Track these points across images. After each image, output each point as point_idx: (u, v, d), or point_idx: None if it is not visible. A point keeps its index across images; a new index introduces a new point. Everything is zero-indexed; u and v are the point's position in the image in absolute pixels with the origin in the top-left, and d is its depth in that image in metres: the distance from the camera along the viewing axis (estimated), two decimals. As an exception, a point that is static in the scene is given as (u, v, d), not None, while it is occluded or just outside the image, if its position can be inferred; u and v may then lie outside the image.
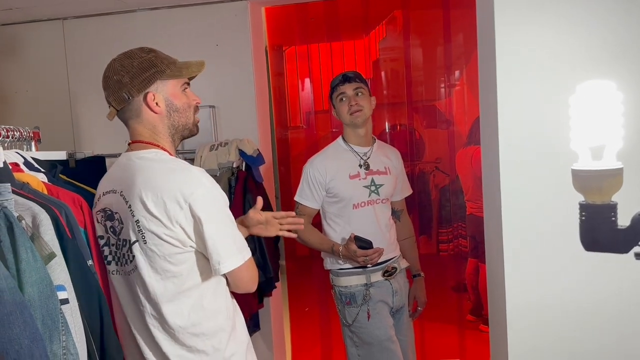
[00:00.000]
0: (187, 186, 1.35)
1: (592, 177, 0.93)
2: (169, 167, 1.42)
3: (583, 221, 0.96)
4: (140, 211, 1.36)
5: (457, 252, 4.44)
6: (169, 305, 1.40)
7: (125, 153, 1.50)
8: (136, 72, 1.43)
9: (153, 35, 3.06)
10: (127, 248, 1.41)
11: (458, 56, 3.99)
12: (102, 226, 1.49)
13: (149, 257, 1.38)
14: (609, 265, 1.52)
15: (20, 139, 1.83)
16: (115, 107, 1.46)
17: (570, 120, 0.95)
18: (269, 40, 3.67)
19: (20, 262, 1.18)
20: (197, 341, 1.42)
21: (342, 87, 2.23)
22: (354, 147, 2.29)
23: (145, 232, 1.37)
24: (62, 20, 3.21)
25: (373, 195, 2.25)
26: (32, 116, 3.18)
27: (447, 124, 4.28)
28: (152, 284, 1.39)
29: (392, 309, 2.29)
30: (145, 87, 1.44)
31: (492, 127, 1.65)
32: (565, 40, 1.52)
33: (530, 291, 1.62)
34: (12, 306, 1.08)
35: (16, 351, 1.07)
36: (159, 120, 1.47)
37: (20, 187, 1.44)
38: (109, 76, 1.45)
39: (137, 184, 1.38)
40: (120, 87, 1.43)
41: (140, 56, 1.45)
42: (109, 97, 1.46)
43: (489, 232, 1.87)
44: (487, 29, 1.66)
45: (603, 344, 1.59)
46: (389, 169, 2.31)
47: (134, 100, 1.44)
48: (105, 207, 1.47)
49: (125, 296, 1.47)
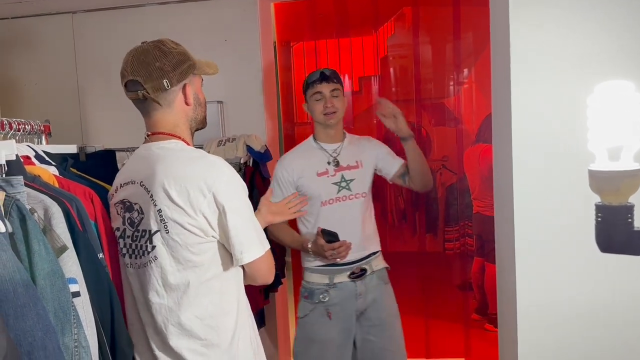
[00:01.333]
0: (210, 175, 1.36)
1: (609, 178, 0.92)
2: (191, 155, 1.42)
3: (599, 222, 0.95)
4: (162, 200, 1.36)
5: (463, 251, 4.43)
6: (188, 296, 1.40)
7: (144, 144, 1.50)
8: (177, 63, 1.43)
9: (162, 30, 3.03)
10: (146, 239, 1.41)
11: (467, 54, 3.97)
12: (120, 218, 1.49)
13: (171, 247, 1.38)
14: (624, 267, 1.51)
15: (31, 132, 1.83)
16: (150, 94, 1.42)
17: (588, 121, 0.94)
18: (277, 36, 3.66)
19: (32, 255, 1.19)
20: (212, 334, 1.41)
21: (320, 85, 2.20)
22: (322, 144, 2.27)
23: (167, 222, 1.36)
24: (72, 14, 3.21)
25: (344, 192, 2.21)
26: (41, 109, 3.18)
27: (455, 121, 4.26)
28: (173, 273, 1.39)
29: (356, 311, 2.24)
30: (183, 78, 1.45)
31: (505, 126, 1.64)
32: (582, 39, 1.50)
33: (542, 292, 1.61)
34: (26, 298, 1.08)
35: (29, 343, 1.08)
36: (185, 112, 1.49)
37: (32, 180, 1.44)
38: (148, 62, 1.41)
39: (158, 172, 1.38)
40: (162, 75, 1.41)
41: (174, 47, 1.46)
42: (145, 82, 1.41)
43: (500, 232, 1.86)
44: (501, 26, 1.65)
45: (616, 347, 1.58)
46: (360, 162, 2.27)
47: (171, 89, 1.44)
48: (124, 198, 1.46)
49: (137, 289, 1.47)
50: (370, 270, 2.25)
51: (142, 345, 1.49)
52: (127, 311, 1.52)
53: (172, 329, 1.41)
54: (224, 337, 1.43)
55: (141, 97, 1.43)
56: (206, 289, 1.41)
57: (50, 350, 1.11)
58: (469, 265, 4.19)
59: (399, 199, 5.14)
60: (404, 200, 5.12)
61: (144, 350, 1.49)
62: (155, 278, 1.41)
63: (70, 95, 3.23)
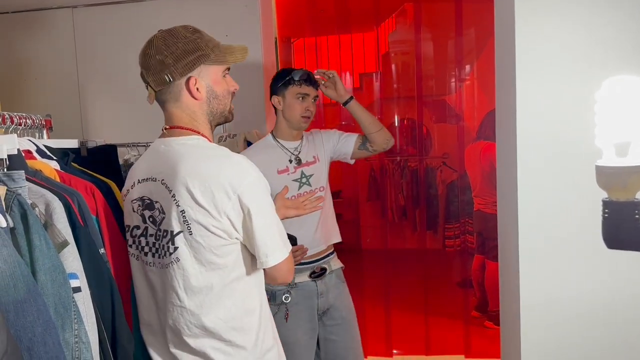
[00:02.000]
0: (235, 176, 1.30)
1: (616, 174, 0.91)
2: (214, 154, 1.36)
3: (606, 218, 0.95)
4: (186, 201, 1.30)
5: (464, 248, 4.43)
6: (211, 299, 1.35)
7: (163, 139, 1.42)
8: (180, 54, 1.34)
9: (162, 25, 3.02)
10: (168, 239, 1.35)
11: (469, 50, 3.96)
12: (138, 216, 1.42)
13: (194, 249, 1.32)
14: (627, 265, 1.49)
15: (32, 126, 1.82)
16: (153, 89, 1.38)
17: (596, 116, 0.94)
18: (278, 32, 3.65)
19: (33, 250, 1.18)
20: (236, 336, 1.37)
21: (308, 87, 2.17)
22: (282, 142, 2.23)
23: (191, 223, 1.30)
24: (72, 8, 3.19)
25: (304, 187, 2.20)
26: (41, 103, 3.17)
27: (456, 118, 4.25)
28: (196, 276, 1.34)
29: (318, 310, 2.22)
30: (188, 71, 1.36)
31: (509, 123, 1.62)
32: (589, 34, 1.48)
33: (546, 290, 1.60)
34: (26, 294, 1.07)
35: (29, 339, 1.07)
36: (198, 106, 1.41)
37: (33, 174, 1.43)
38: (150, 55, 1.35)
39: (181, 172, 1.31)
40: (162, 69, 1.35)
41: (185, 36, 1.36)
42: (147, 77, 1.38)
43: (503, 230, 1.85)
44: (506, 21, 1.64)
45: (619, 345, 1.57)
46: (317, 156, 2.26)
47: (174, 83, 1.37)
48: (143, 195, 1.40)
49: (159, 289, 1.41)
50: (330, 270, 2.25)
51: (160, 346, 1.44)
52: (142, 311, 1.48)
53: (195, 330, 1.36)
54: (248, 338, 1.39)
55: (149, 89, 1.39)
56: (229, 291, 1.36)
57: (50, 345, 1.10)
58: (469, 262, 4.19)
59: (399, 197, 5.14)
60: (404, 198, 5.12)
61: (163, 351, 1.44)
62: (177, 280, 1.35)
63: (70, 90, 3.21)
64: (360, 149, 2.34)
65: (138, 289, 1.48)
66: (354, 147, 2.34)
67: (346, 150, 2.34)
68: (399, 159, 5.02)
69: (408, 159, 5.00)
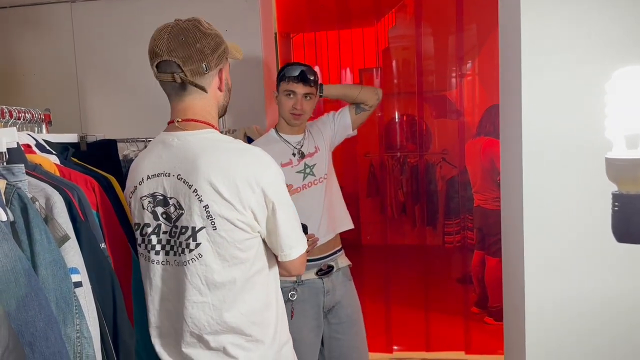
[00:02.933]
0: (259, 169, 1.30)
1: (627, 166, 0.90)
2: (234, 147, 1.34)
3: (616, 212, 0.93)
4: (209, 195, 1.27)
5: (463, 244, 4.43)
6: (234, 293, 1.33)
7: (174, 132, 1.37)
8: (215, 46, 1.34)
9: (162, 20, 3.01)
10: (188, 235, 1.32)
11: (470, 46, 3.95)
12: (149, 213, 1.38)
13: (217, 244, 1.30)
14: (634, 261, 1.49)
15: (32, 121, 1.80)
16: (188, 78, 1.32)
17: (606, 108, 0.92)
18: (278, 27, 3.63)
19: (34, 244, 1.17)
20: (256, 330, 1.36)
21: (295, 85, 2.15)
22: (285, 136, 2.24)
23: (215, 218, 1.28)
24: (71, 2, 3.17)
25: (309, 178, 2.20)
26: (39, 98, 3.15)
27: (456, 114, 4.24)
28: (219, 271, 1.32)
29: (324, 308, 2.21)
30: (220, 63, 1.37)
31: (514, 118, 1.61)
32: (596, 25, 1.47)
33: (552, 288, 1.59)
34: (28, 288, 1.06)
35: (31, 334, 1.06)
36: (217, 99, 1.41)
37: (33, 168, 1.42)
38: (189, 43, 1.30)
39: (202, 166, 1.28)
40: (202, 58, 1.31)
41: (209, 29, 1.35)
42: (184, 65, 1.31)
43: (507, 226, 1.84)
44: (511, 14, 1.62)
45: (625, 341, 1.56)
46: (317, 146, 2.27)
47: (208, 74, 1.35)
48: (155, 191, 1.36)
49: (173, 288, 1.39)
50: (337, 267, 2.24)
51: (172, 348, 1.42)
52: (151, 314, 1.44)
53: (216, 327, 1.34)
54: (267, 332, 1.38)
55: (177, 80, 1.33)
56: (250, 285, 1.35)
57: (52, 340, 1.09)
58: (468, 258, 4.19)
59: (399, 192, 5.14)
60: (403, 194, 5.12)
61: (175, 353, 1.42)
62: (199, 276, 1.32)
63: (69, 85, 3.20)
64: (357, 114, 2.37)
65: (147, 292, 1.44)
66: (351, 117, 2.36)
67: (346, 125, 2.36)
68: (399, 155, 5.02)
69: (408, 154, 4.99)
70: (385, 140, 4.84)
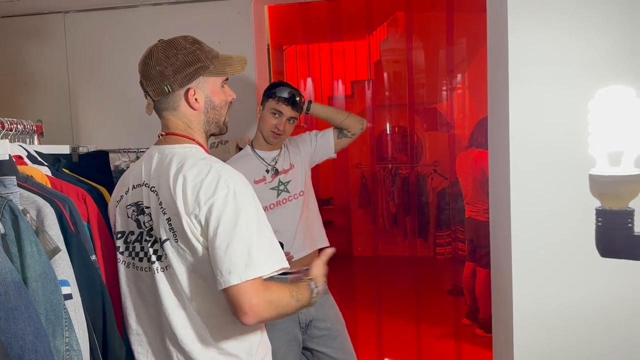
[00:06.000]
0: (212, 186, 1.27)
1: (610, 183, 0.92)
2: (200, 164, 1.32)
3: (599, 227, 0.95)
4: (171, 208, 1.29)
5: (454, 256, 4.45)
6: (202, 303, 1.34)
7: (158, 146, 1.43)
8: (180, 66, 1.35)
9: (155, 32, 3.01)
10: (159, 245, 1.34)
11: (460, 59, 3.99)
12: (133, 221, 1.41)
13: (181, 256, 1.31)
14: (619, 271, 1.52)
15: (24, 132, 1.81)
16: (152, 98, 1.40)
17: (589, 126, 0.94)
18: (270, 39, 3.66)
19: (24, 256, 1.16)
20: (229, 344, 1.35)
21: (284, 107, 2.17)
22: (260, 152, 2.25)
23: (176, 230, 1.30)
24: (64, 13, 3.18)
25: (283, 194, 2.21)
26: (31, 109, 3.15)
27: (447, 126, 4.28)
28: (184, 282, 1.33)
29: (300, 323, 2.19)
30: (187, 83, 1.37)
31: (502, 132, 1.64)
32: (581, 44, 1.51)
33: (539, 297, 1.61)
34: (17, 301, 1.06)
35: (20, 346, 1.05)
36: (195, 116, 1.41)
37: (24, 180, 1.42)
38: (150, 65, 1.36)
39: (168, 180, 1.31)
40: (161, 80, 1.36)
41: (185, 47, 1.37)
42: (147, 87, 1.39)
43: (496, 237, 1.86)
44: (499, 30, 1.65)
45: (612, 351, 1.58)
46: (292, 163, 2.27)
47: (173, 93, 1.38)
48: (138, 201, 1.40)
49: (152, 296, 1.39)
50: None
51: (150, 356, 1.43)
52: (130, 319, 1.44)
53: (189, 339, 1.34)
54: (241, 347, 1.37)
55: (147, 99, 1.40)
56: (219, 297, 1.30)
57: (41, 353, 1.09)
58: (460, 270, 4.21)
59: (390, 204, 5.16)
60: (395, 205, 5.14)
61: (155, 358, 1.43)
62: (170, 286, 1.35)
63: (60, 96, 3.20)
64: (339, 139, 2.38)
65: (127, 298, 1.45)
66: (334, 141, 2.37)
67: (328, 147, 2.38)
68: (391, 167, 5.05)
69: (399, 166, 5.02)
70: (377, 151, 4.87)
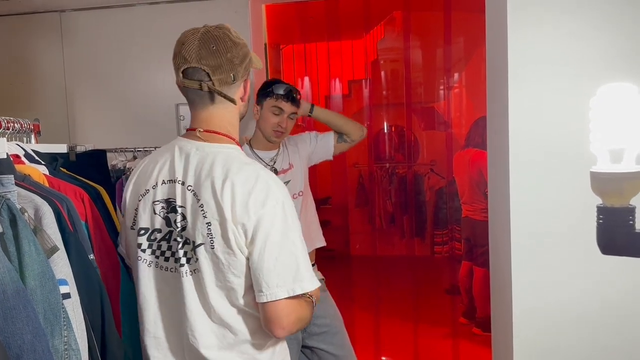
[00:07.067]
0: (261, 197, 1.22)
1: (611, 180, 0.92)
2: (249, 169, 1.26)
3: (600, 224, 0.95)
4: (213, 213, 1.22)
5: (451, 255, 4.45)
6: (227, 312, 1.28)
7: (193, 142, 1.32)
8: (243, 56, 1.30)
9: (152, 31, 3.03)
10: (190, 248, 1.27)
11: (457, 58, 4.00)
12: (161, 218, 1.32)
13: (214, 263, 1.24)
14: (619, 270, 1.52)
15: (21, 131, 1.80)
16: (216, 87, 1.28)
17: (591, 123, 0.94)
18: (268, 38, 3.65)
19: (22, 255, 1.16)
20: (251, 352, 1.31)
21: (284, 103, 2.16)
22: (259, 152, 2.23)
23: (215, 237, 1.22)
24: (60, 12, 3.16)
25: None
26: (27, 108, 3.14)
27: (444, 125, 4.29)
28: (211, 289, 1.26)
29: None
30: (246, 73, 1.34)
31: (501, 131, 1.64)
32: (581, 42, 1.51)
33: (539, 297, 1.61)
34: (15, 300, 1.05)
35: (18, 346, 1.05)
36: (239, 109, 1.37)
37: (22, 179, 1.41)
38: (220, 52, 1.26)
39: (212, 182, 1.23)
40: (231, 67, 1.28)
41: (238, 37, 1.32)
42: (213, 74, 1.27)
43: (495, 236, 1.86)
44: (498, 29, 1.65)
45: (612, 350, 1.58)
46: (292, 163, 2.27)
47: (234, 84, 1.30)
48: (170, 198, 1.30)
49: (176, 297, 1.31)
50: None
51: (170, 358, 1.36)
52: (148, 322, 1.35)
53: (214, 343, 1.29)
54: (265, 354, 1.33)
55: (205, 88, 1.28)
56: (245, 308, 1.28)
57: (39, 352, 1.08)
58: (457, 269, 4.21)
59: (388, 203, 5.16)
60: (392, 204, 5.14)
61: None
62: (196, 291, 1.28)
63: (57, 94, 3.18)
64: (339, 142, 2.39)
65: (146, 298, 1.35)
66: (333, 144, 2.37)
67: (327, 149, 2.38)
68: (388, 166, 5.05)
69: (396, 165, 5.03)
70: (374, 151, 4.88)
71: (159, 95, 3.05)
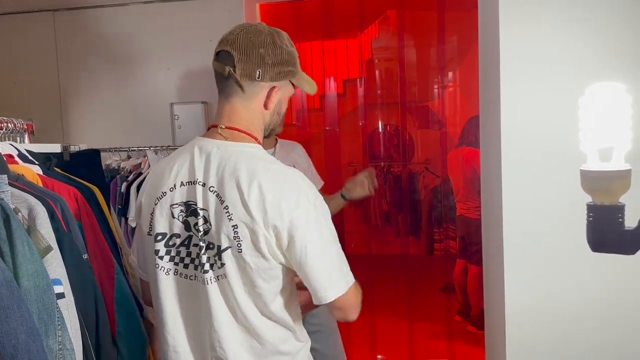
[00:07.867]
0: (293, 198, 1.18)
1: (601, 178, 0.93)
2: (276, 169, 1.23)
3: (590, 222, 0.96)
4: (240, 216, 1.17)
5: (446, 253, 4.46)
6: (256, 320, 1.25)
7: (214, 140, 1.27)
8: (279, 60, 1.27)
9: (146, 30, 3.03)
10: (214, 253, 1.22)
11: (451, 57, 4.01)
12: (180, 223, 1.26)
13: (241, 268, 1.20)
14: (611, 267, 1.53)
15: (14, 131, 1.79)
16: (236, 75, 1.24)
17: (580, 122, 0.95)
18: (262, 38, 3.65)
19: (16, 255, 1.16)
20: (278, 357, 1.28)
21: None
22: None
23: (242, 240, 1.18)
24: (53, 11, 3.16)
25: None
26: (21, 108, 3.13)
27: (439, 124, 4.30)
28: (240, 295, 1.22)
29: None
30: (277, 79, 1.28)
31: (493, 129, 1.65)
32: (572, 41, 1.52)
33: (531, 294, 1.62)
34: (9, 300, 1.05)
35: (12, 345, 1.05)
36: (262, 114, 1.31)
37: (15, 179, 1.41)
38: (254, 44, 1.24)
39: (238, 183, 1.19)
40: (259, 63, 1.24)
41: (287, 45, 1.30)
42: (237, 62, 1.23)
43: (487, 234, 1.87)
44: (490, 28, 1.66)
45: (604, 346, 1.60)
46: (294, 165, 2.24)
47: (259, 83, 1.26)
48: (189, 200, 1.24)
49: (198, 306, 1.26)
50: None
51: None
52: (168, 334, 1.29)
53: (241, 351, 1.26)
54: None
55: (225, 72, 1.24)
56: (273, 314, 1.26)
57: (34, 352, 1.08)
58: (451, 267, 4.23)
59: (383, 202, 5.17)
60: (387, 203, 5.15)
61: None
62: (223, 298, 1.23)
63: (51, 94, 3.18)
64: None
65: (165, 309, 1.28)
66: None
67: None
68: (383, 165, 5.06)
69: (391, 164, 5.04)
70: (369, 150, 4.88)
71: (153, 94, 3.06)
